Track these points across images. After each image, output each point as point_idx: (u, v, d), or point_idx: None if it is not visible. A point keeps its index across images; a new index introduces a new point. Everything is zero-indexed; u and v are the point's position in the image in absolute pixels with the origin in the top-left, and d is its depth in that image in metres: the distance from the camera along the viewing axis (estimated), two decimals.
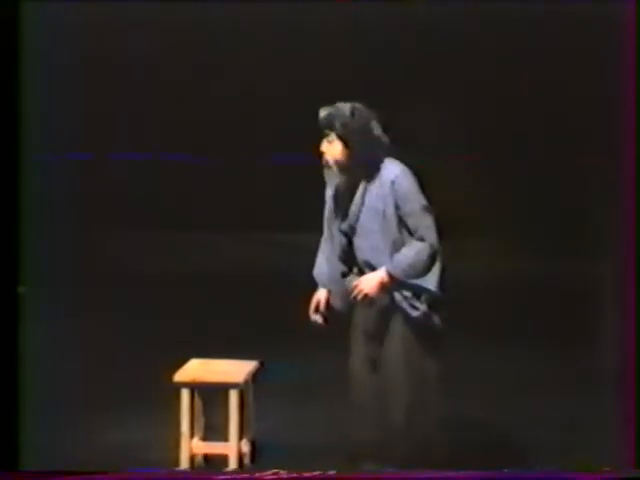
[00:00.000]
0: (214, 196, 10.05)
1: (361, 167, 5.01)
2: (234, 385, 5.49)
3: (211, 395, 5.62)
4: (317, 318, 5.15)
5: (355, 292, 4.96)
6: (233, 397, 5.47)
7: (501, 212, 9.72)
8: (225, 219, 10.00)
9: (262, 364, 5.78)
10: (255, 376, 5.73)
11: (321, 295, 5.16)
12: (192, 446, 5.57)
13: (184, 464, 5.55)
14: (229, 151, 9.97)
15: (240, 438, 5.59)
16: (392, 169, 4.98)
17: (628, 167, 8.05)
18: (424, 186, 5.03)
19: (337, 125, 4.97)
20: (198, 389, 5.56)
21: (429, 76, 9.64)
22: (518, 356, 7.74)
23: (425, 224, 4.90)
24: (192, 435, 5.58)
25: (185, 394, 5.50)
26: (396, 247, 4.94)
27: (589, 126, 9.40)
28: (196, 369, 5.66)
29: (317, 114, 5.05)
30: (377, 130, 5.01)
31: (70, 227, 9.63)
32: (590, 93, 9.26)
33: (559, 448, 5.69)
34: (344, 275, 5.12)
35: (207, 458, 5.72)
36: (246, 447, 5.71)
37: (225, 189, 9.99)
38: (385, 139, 5.02)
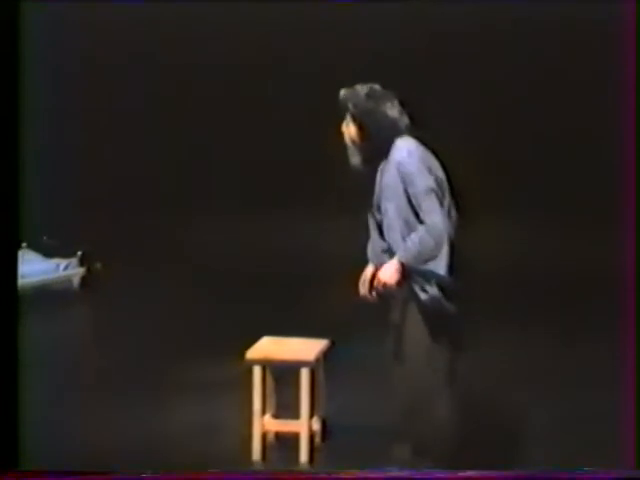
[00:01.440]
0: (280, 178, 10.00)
1: (375, 147, 4.94)
2: (305, 363, 5.44)
3: (282, 373, 5.56)
4: (363, 292, 5.08)
5: (375, 282, 4.91)
6: (304, 375, 5.42)
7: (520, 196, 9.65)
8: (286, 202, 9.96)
9: (333, 343, 5.70)
10: (326, 355, 5.65)
11: (368, 270, 5.09)
12: (264, 423, 5.51)
13: (256, 441, 5.51)
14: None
15: (311, 416, 5.52)
16: (401, 149, 4.89)
17: (629, 165, 7.99)
18: (446, 166, 4.93)
19: (350, 106, 4.94)
20: (270, 367, 5.50)
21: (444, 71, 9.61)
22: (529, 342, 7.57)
23: (427, 206, 4.78)
24: (264, 412, 5.53)
25: (257, 371, 5.45)
26: (408, 228, 4.85)
27: (591, 124, 9.29)
28: (268, 347, 5.61)
29: None
30: (392, 111, 4.92)
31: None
32: (591, 92, 9.16)
33: (560, 445, 5.50)
34: (385, 251, 5.03)
35: (278, 436, 5.65)
36: (317, 425, 5.65)
37: (292, 172, 9.94)
38: (402, 120, 4.93)
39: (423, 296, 4.83)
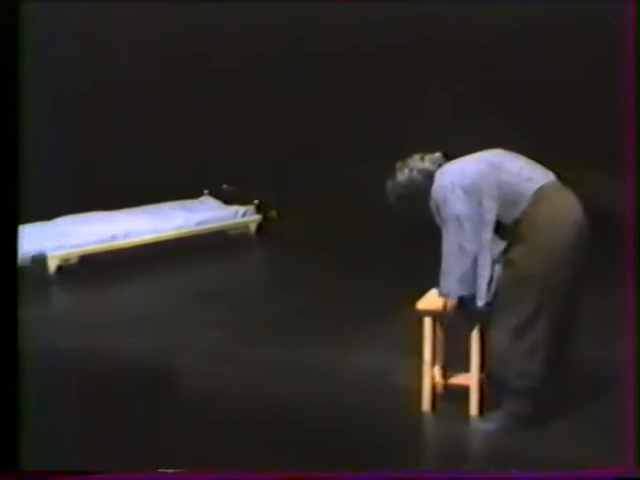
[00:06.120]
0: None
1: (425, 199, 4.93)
2: None
3: (452, 325, 5.13)
4: None
5: None
6: (475, 328, 4.98)
7: None
8: None
9: None
10: None
11: None
12: (434, 375, 5.10)
13: (426, 393, 5.14)
14: None
15: (481, 370, 5.05)
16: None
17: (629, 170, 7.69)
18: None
19: (392, 199, 5.07)
20: (440, 318, 5.07)
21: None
22: None
23: None
24: (434, 364, 5.11)
25: (428, 322, 5.06)
26: None
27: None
28: (438, 298, 5.13)
29: None
30: (405, 174, 4.97)
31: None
32: (591, 90, 8.65)
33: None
34: None
35: (447, 388, 5.22)
36: (487, 379, 5.15)
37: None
38: (430, 163, 4.95)
39: None
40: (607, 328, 5.92)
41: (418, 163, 4.96)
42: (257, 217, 8.88)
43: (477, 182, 4.74)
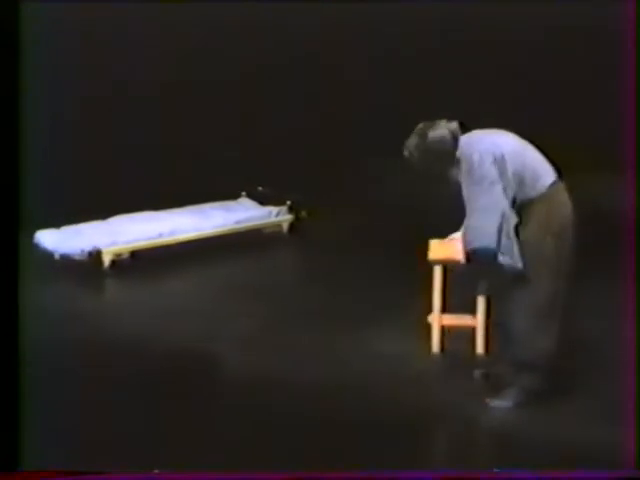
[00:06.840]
0: None
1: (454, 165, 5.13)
2: None
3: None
4: None
5: None
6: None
7: None
8: None
9: None
10: None
11: None
12: (442, 319, 5.67)
13: (435, 336, 5.72)
14: None
15: (488, 316, 5.62)
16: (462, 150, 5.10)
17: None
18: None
19: (415, 155, 5.19)
20: (448, 266, 5.64)
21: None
22: None
23: None
24: (443, 310, 5.72)
25: (437, 271, 5.64)
26: None
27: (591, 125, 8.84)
28: (443, 248, 5.69)
29: None
30: (436, 132, 5.12)
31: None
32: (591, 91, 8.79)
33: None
34: None
35: (455, 332, 5.79)
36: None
37: None
38: (456, 127, 5.14)
39: None
40: (607, 323, 6.10)
41: (448, 124, 5.16)
42: (289, 217, 9.22)
43: (510, 156, 5.03)
